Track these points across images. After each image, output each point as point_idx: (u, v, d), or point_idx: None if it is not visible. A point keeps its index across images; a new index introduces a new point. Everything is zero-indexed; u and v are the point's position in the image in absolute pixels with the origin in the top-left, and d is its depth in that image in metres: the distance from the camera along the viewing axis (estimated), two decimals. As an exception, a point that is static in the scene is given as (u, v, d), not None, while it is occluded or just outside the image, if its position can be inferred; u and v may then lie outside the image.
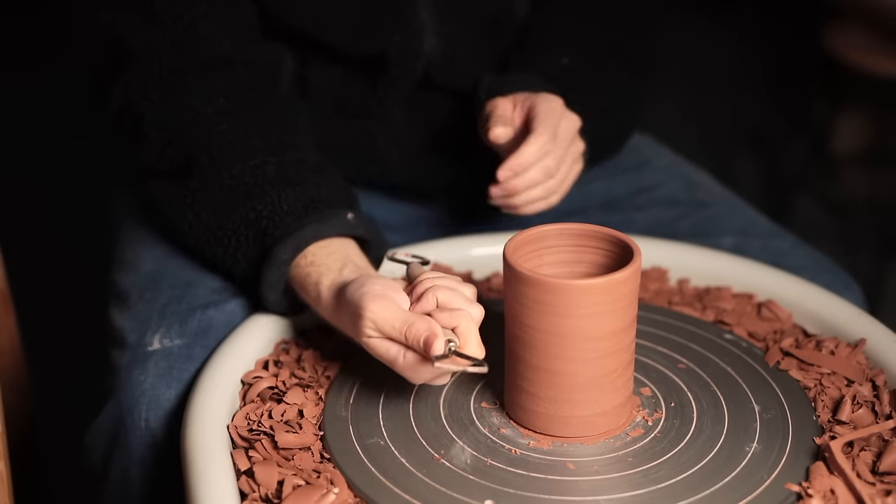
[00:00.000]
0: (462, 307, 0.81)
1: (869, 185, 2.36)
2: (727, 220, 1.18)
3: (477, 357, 0.80)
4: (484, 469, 0.78)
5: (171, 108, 1.00)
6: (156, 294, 1.02)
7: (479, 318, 0.82)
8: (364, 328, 0.81)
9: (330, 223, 0.93)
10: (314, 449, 0.82)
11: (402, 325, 0.80)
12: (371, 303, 0.81)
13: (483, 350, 0.81)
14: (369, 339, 0.82)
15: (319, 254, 0.92)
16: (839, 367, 0.89)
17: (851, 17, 2.24)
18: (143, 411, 0.94)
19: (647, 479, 0.77)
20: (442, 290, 0.82)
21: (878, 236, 2.25)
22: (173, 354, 0.96)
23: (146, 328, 0.98)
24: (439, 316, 0.81)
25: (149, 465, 0.96)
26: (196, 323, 0.98)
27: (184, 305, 1.00)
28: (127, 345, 0.98)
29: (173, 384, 0.95)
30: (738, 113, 2.67)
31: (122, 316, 1.02)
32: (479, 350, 0.80)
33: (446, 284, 0.83)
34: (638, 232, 1.14)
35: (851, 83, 2.27)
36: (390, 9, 1.06)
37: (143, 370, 0.95)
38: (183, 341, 0.97)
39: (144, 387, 0.94)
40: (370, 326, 0.81)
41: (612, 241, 0.83)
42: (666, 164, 1.28)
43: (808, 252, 1.14)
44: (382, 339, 0.82)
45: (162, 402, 0.94)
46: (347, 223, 0.94)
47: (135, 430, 0.94)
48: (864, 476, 0.76)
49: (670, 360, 0.91)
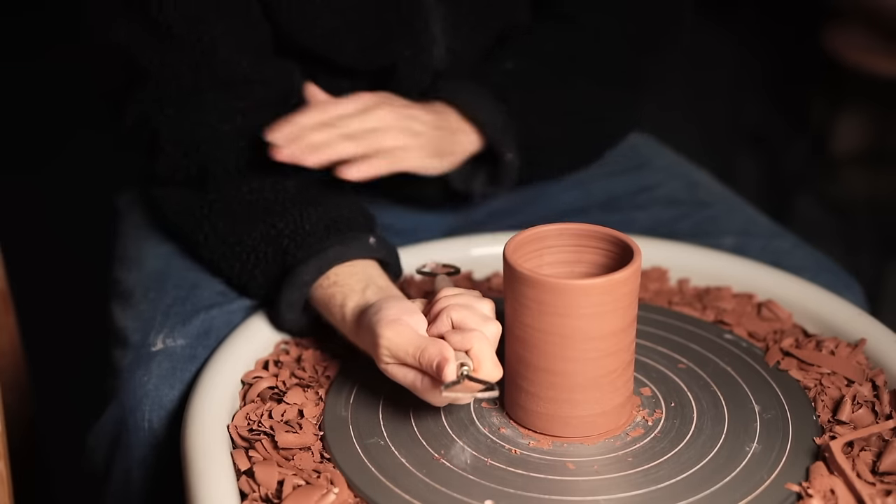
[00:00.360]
0: (476, 327, 0.80)
1: (869, 185, 2.36)
2: (728, 220, 1.18)
3: (491, 380, 0.78)
4: (484, 469, 0.78)
5: (188, 124, 1.00)
6: (161, 294, 1.02)
7: (495, 337, 0.81)
8: (381, 355, 0.81)
9: (353, 245, 0.93)
10: (314, 449, 0.82)
11: (416, 350, 0.79)
12: (385, 329, 0.80)
13: (500, 370, 0.79)
14: (387, 366, 0.82)
15: (342, 274, 0.91)
16: (839, 367, 0.89)
17: (851, 18, 2.24)
18: (146, 412, 0.94)
19: (647, 479, 0.77)
20: (456, 309, 0.81)
21: (878, 236, 2.25)
22: (176, 355, 0.96)
23: (150, 328, 0.98)
24: (452, 338, 0.79)
25: (151, 466, 0.96)
26: (199, 324, 0.98)
27: (188, 307, 1.00)
28: (130, 345, 0.98)
29: (176, 385, 0.94)
30: (738, 113, 2.67)
31: (126, 315, 1.02)
32: (494, 371, 0.79)
33: (462, 303, 0.82)
34: (638, 232, 1.14)
35: (851, 83, 2.27)
36: (402, 22, 1.06)
37: (147, 371, 0.95)
38: (186, 342, 0.97)
39: (148, 388, 0.94)
40: (386, 353, 0.81)
41: (612, 241, 0.83)
42: (666, 164, 1.28)
43: (809, 252, 1.14)
44: (399, 365, 0.81)
45: (165, 402, 0.94)
46: (369, 247, 0.94)
47: (137, 432, 0.94)
48: (864, 476, 0.76)
49: (670, 360, 0.91)
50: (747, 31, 2.74)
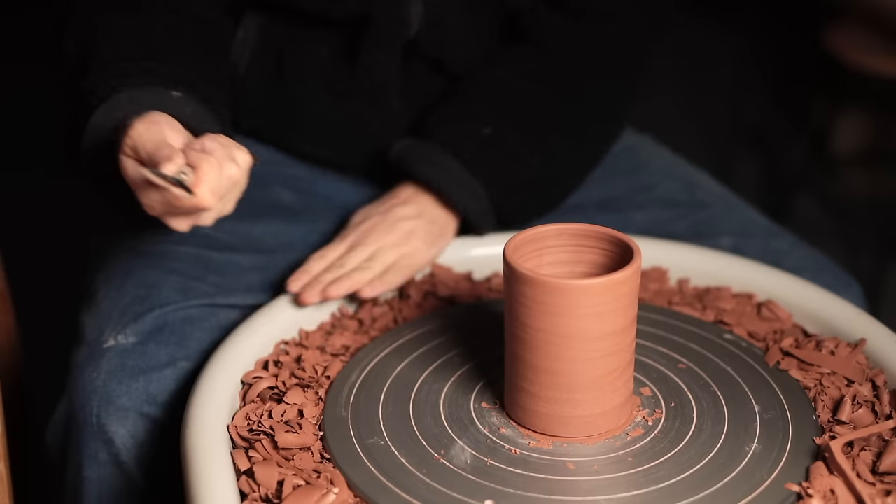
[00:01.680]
0: (220, 158, 0.79)
1: (869, 185, 2.36)
2: (726, 220, 1.18)
3: (202, 203, 0.77)
4: (484, 469, 0.78)
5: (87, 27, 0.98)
6: (121, 293, 1.02)
7: (232, 176, 0.80)
8: (124, 145, 0.81)
9: (149, 91, 0.89)
10: (314, 449, 0.82)
11: (154, 147, 0.79)
12: (140, 124, 0.81)
13: (214, 199, 0.78)
14: (124, 159, 0.82)
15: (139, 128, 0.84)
16: (839, 367, 0.89)
17: (851, 17, 2.24)
18: (94, 408, 0.94)
19: (647, 479, 0.77)
20: (211, 139, 0.81)
21: (879, 236, 2.25)
22: (126, 351, 0.96)
23: (105, 325, 0.99)
24: (189, 152, 0.79)
25: (103, 462, 0.95)
26: (151, 321, 0.98)
27: (146, 305, 1.00)
28: (85, 342, 0.99)
29: (125, 381, 0.95)
30: (738, 113, 2.67)
31: (88, 313, 1.03)
32: (209, 196, 0.78)
33: (220, 142, 0.81)
34: (636, 232, 1.14)
35: (851, 83, 2.27)
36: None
37: (96, 367, 0.95)
38: (137, 339, 0.97)
39: (97, 384, 0.94)
40: (129, 143, 0.81)
41: (612, 241, 0.83)
42: (664, 165, 1.27)
43: (808, 252, 1.14)
44: (134, 160, 0.82)
45: (113, 398, 0.94)
46: (171, 98, 0.89)
47: (86, 427, 0.94)
48: (864, 476, 0.76)
49: (670, 360, 0.91)
50: (747, 31, 2.74)
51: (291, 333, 0.98)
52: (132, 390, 0.95)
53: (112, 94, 0.89)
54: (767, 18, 2.71)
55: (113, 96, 0.89)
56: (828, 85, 2.38)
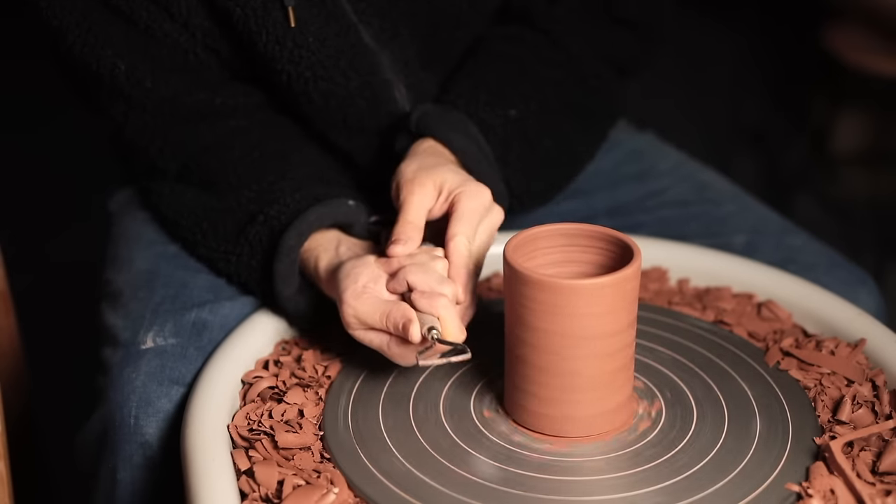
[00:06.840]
0: (436, 288, 0.83)
1: (869, 184, 2.36)
2: (739, 219, 1.17)
3: (458, 342, 0.81)
4: (481, 467, 0.78)
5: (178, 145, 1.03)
6: (150, 293, 1.02)
7: (455, 296, 0.84)
8: (350, 324, 0.85)
9: (331, 205, 0.94)
10: (314, 449, 0.82)
11: (382, 315, 0.83)
12: (352, 299, 0.84)
13: (464, 333, 0.82)
14: (355, 332, 0.85)
15: (318, 238, 0.94)
16: (839, 367, 0.89)
17: (851, 17, 2.24)
18: (132, 409, 0.93)
19: (647, 479, 0.77)
20: (412, 271, 0.84)
21: (879, 236, 2.25)
22: (166, 353, 0.96)
23: (139, 326, 0.98)
24: (419, 302, 0.82)
25: (138, 465, 0.95)
26: (191, 323, 0.98)
27: (178, 304, 1.00)
28: (119, 343, 0.98)
29: (165, 383, 0.94)
30: (738, 112, 2.67)
31: (116, 314, 1.02)
32: (459, 333, 0.82)
33: (417, 262, 0.85)
34: (648, 234, 1.14)
35: (851, 83, 2.27)
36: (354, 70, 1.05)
37: (135, 368, 0.95)
38: (177, 340, 0.97)
39: (135, 384, 0.94)
40: (354, 321, 0.85)
41: (612, 241, 0.83)
42: (672, 167, 1.26)
43: (822, 248, 1.13)
44: (367, 329, 0.85)
45: (152, 400, 0.94)
46: (349, 207, 0.95)
47: (123, 428, 0.94)
48: (864, 476, 0.76)
49: (670, 360, 0.91)
50: (747, 30, 2.74)
51: (291, 333, 0.98)
52: (171, 393, 0.94)
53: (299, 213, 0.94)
54: (767, 18, 2.71)
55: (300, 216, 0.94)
56: (828, 85, 2.39)
